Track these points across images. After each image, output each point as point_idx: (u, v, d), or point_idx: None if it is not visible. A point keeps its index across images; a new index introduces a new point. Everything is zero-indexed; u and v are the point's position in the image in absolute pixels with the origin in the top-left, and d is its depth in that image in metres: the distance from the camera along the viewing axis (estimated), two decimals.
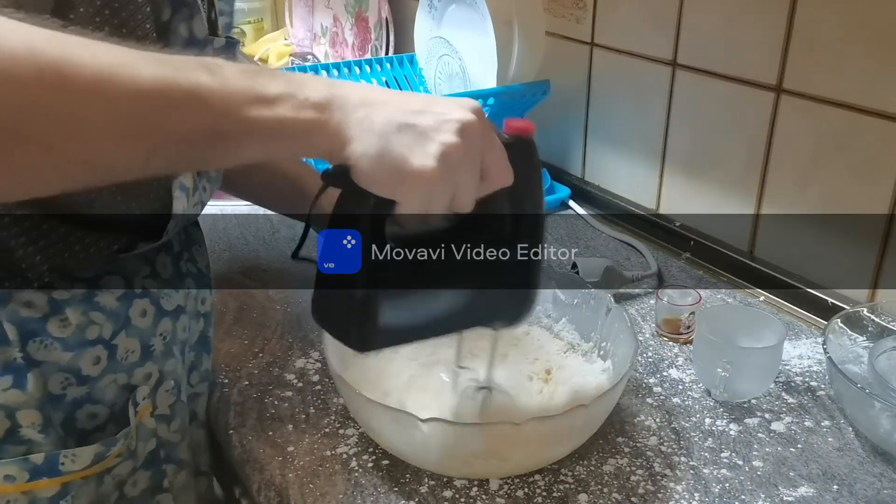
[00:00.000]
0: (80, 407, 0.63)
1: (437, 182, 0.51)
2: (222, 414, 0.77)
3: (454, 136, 0.51)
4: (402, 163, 0.51)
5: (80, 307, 0.62)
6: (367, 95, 0.52)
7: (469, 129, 0.52)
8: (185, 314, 0.72)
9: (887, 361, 0.76)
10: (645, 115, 1.11)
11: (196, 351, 0.75)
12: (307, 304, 0.94)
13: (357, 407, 0.68)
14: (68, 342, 0.61)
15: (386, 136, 0.51)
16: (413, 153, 0.50)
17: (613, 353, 0.77)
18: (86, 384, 0.63)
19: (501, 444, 0.64)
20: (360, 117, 0.51)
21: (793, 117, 0.91)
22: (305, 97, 0.50)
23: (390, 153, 0.50)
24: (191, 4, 0.61)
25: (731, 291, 0.98)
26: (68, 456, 0.61)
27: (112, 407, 0.65)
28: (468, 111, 0.53)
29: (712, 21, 0.98)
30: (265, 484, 0.68)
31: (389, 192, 0.52)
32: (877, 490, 0.67)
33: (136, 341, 0.66)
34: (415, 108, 0.52)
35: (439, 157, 0.51)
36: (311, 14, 1.77)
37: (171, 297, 0.69)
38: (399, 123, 0.51)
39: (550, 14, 1.22)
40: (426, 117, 0.51)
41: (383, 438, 0.68)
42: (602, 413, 0.68)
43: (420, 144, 0.51)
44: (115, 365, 0.64)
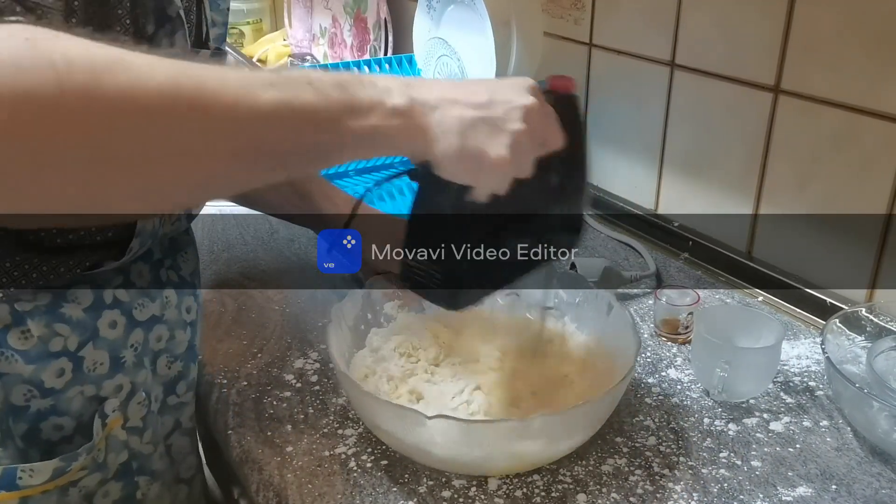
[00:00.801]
0: (44, 419, 0.62)
1: (510, 167, 0.56)
2: (221, 414, 0.77)
3: (521, 123, 0.56)
4: (481, 155, 0.55)
5: (44, 319, 0.61)
6: (440, 94, 0.55)
7: (531, 113, 0.57)
8: (163, 323, 0.71)
9: (885, 361, 0.76)
10: (643, 115, 1.11)
11: (184, 361, 0.75)
12: (306, 304, 0.95)
13: (361, 405, 0.68)
14: (29, 354, 0.60)
15: (463, 133, 0.55)
16: (489, 146, 0.55)
17: (616, 348, 0.76)
18: (50, 396, 0.62)
19: (509, 440, 0.64)
20: (438, 119, 0.54)
21: (791, 117, 0.91)
22: (393, 105, 0.53)
23: (469, 148, 0.55)
24: (174, 20, 0.61)
25: (730, 291, 0.98)
26: (26, 470, 0.61)
27: (79, 419, 0.64)
28: (527, 93, 0.58)
29: (710, 22, 0.98)
30: (264, 484, 0.68)
31: (468, 179, 0.57)
32: (875, 490, 0.67)
33: (105, 353, 0.65)
34: (482, 101, 0.56)
35: (511, 146, 0.55)
36: (310, 15, 1.77)
37: (146, 307, 0.68)
38: (473, 119, 0.55)
39: (549, 15, 1.22)
40: (495, 108, 0.56)
41: (388, 436, 0.68)
42: (608, 408, 0.69)
43: (494, 136, 0.55)
44: (81, 377, 0.63)
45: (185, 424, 0.77)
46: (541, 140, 0.58)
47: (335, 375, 0.81)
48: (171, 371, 0.73)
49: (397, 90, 0.54)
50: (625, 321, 0.75)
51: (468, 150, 0.55)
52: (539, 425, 0.63)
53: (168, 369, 0.73)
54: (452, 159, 0.55)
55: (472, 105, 0.56)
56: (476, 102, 0.56)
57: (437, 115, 0.54)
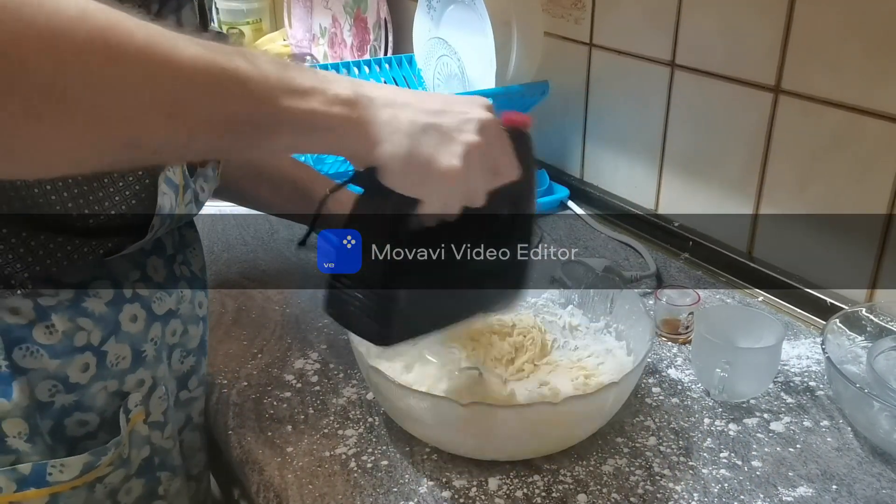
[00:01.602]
0: (69, 415, 0.62)
1: (461, 180, 0.53)
2: (221, 415, 0.77)
3: (475, 136, 0.53)
4: (430, 162, 0.52)
5: (67, 313, 0.61)
6: (390, 95, 0.53)
7: (487, 128, 0.54)
8: (177, 318, 0.71)
9: (886, 361, 0.76)
10: (644, 115, 1.11)
11: (196, 356, 0.75)
12: (306, 304, 0.95)
13: (391, 397, 0.68)
14: (55, 349, 0.60)
15: (413, 136, 0.52)
16: (440, 153, 0.52)
17: (627, 334, 0.79)
18: (74, 392, 0.62)
19: (539, 424, 0.65)
20: (386, 118, 0.52)
21: (791, 117, 0.91)
22: (335, 93, 0.50)
23: (418, 154, 0.52)
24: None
25: (730, 291, 0.98)
26: (56, 466, 0.60)
27: (103, 414, 0.64)
28: (483, 109, 0.55)
29: (711, 22, 0.98)
30: (264, 485, 0.68)
31: (415, 190, 0.53)
32: (875, 490, 0.67)
33: (127, 347, 0.65)
34: (436, 109, 0.53)
35: (463, 157, 0.53)
36: (310, 14, 1.77)
37: (163, 301, 0.68)
38: (424, 124, 0.52)
39: (549, 14, 1.22)
40: (448, 117, 0.53)
41: (419, 427, 0.68)
42: (628, 390, 0.70)
43: (445, 145, 0.52)
44: (104, 372, 0.63)
45: (196, 420, 0.77)
46: (493, 164, 0.55)
47: (338, 374, 0.81)
48: (183, 366, 0.74)
49: (343, 82, 0.51)
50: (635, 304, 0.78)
51: (417, 155, 0.52)
52: (568, 409, 0.64)
53: (181, 364, 0.73)
54: (399, 164, 0.52)
55: (424, 110, 0.53)
56: (429, 108, 0.53)
57: (386, 115, 0.52)
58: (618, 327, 0.81)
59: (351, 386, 0.79)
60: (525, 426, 0.65)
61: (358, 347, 0.71)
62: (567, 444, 0.70)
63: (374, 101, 0.52)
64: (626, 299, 0.80)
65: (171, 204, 0.65)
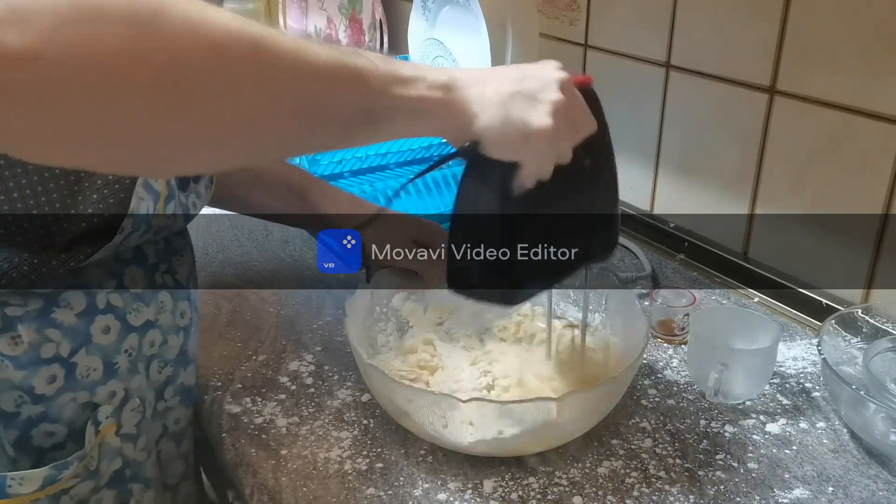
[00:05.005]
0: (35, 426, 0.62)
1: (554, 137, 0.56)
2: (215, 417, 0.76)
3: (558, 94, 0.57)
4: (524, 125, 0.55)
5: (35, 324, 0.60)
6: (475, 75, 0.57)
7: (565, 85, 0.58)
8: (156, 328, 0.70)
9: (882, 363, 0.76)
10: (639, 116, 1.10)
11: (173, 366, 0.73)
12: (300, 306, 0.94)
13: (390, 394, 0.68)
14: (20, 360, 0.60)
15: (504, 105, 0.55)
16: (530, 115, 0.55)
17: (623, 332, 0.79)
18: (41, 403, 0.61)
19: (539, 420, 0.65)
20: (476, 94, 0.55)
21: (786, 118, 0.91)
22: (434, 79, 0.54)
23: (511, 120, 0.55)
24: None
25: (726, 292, 0.98)
26: (15, 479, 0.60)
27: (71, 426, 0.63)
28: (557, 69, 0.59)
29: (706, 23, 0.98)
30: (258, 488, 0.68)
31: (515, 154, 0.57)
32: (872, 492, 0.67)
33: (98, 359, 0.64)
34: (517, 77, 0.57)
35: (552, 114, 0.56)
36: (305, 15, 1.77)
37: (140, 312, 0.67)
38: (511, 92, 0.56)
39: (544, 16, 1.22)
40: (529, 82, 0.57)
41: (419, 425, 0.68)
42: (625, 383, 0.71)
43: (534, 106, 0.56)
44: (73, 383, 0.63)
45: (171, 429, 0.75)
46: (574, 120, 0.59)
47: (332, 376, 0.80)
48: (161, 376, 0.72)
49: (435, 70, 0.55)
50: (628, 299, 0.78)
51: (511, 122, 0.55)
52: (568, 404, 0.65)
53: (159, 374, 0.72)
54: (496, 133, 0.55)
55: (507, 80, 0.56)
56: (511, 78, 0.57)
57: (475, 91, 0.55)
58: (613, 325, 0.81)
59: (346, 388, 0.79)
60: (524, 424, 0.65)
61: (357, 348, 0.70)
62: (562, 441, 0.69)
63: (464, 81, 0.55)
64: (622, 298, 0.80)
65: (147, 209, 0.63)
